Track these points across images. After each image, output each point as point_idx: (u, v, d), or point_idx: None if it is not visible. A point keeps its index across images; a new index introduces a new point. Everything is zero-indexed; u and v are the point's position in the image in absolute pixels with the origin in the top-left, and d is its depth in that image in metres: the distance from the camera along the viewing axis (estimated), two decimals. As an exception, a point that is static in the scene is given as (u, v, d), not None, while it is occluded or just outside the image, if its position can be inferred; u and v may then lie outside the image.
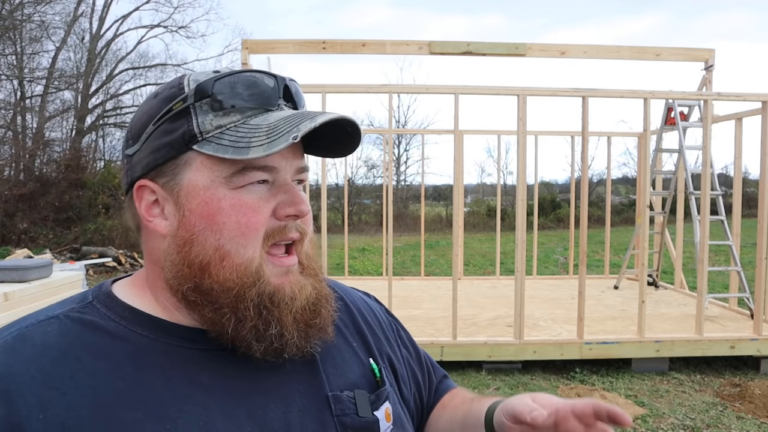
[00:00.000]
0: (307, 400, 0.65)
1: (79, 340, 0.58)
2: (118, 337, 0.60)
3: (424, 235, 8.48)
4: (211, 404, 0.59)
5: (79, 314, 0.61)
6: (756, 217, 4.67)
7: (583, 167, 4.48)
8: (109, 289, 0.66)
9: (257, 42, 5.86)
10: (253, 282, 0.60)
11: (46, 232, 12.79)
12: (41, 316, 0.61)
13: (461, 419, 0.81)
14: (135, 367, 0.58)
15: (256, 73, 0.63)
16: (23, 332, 0.59)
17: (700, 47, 6.04)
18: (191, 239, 0.60)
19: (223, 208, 0.60)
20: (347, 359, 0.72)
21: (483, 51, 5.73)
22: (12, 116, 14.91)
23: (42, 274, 3.76)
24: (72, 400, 0.54)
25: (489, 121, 36.04)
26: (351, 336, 0.77)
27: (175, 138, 0.61)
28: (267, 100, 0.63)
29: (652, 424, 3.58)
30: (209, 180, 0.60)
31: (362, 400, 0.68)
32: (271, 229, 0.62)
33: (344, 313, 0.78)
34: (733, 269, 5.55)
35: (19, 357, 0.56)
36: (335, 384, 0.68)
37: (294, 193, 0.63)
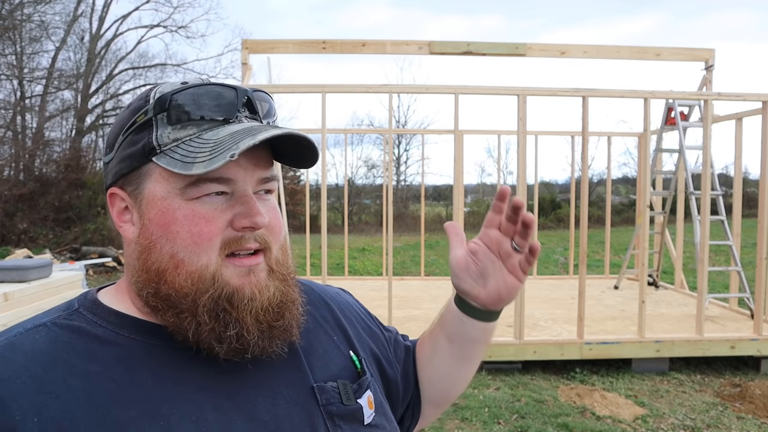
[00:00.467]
0: (294, 391, 0.67)
1: (68, 346, 0.60)
2: (106, 341, 0.62)
3: (424, 235, 8.48)
4: (202, 400, 0.61)
5: (66, 321, 0.63)
6: (756, 217, 4.67)
7: (583, 167, 4.48)
8: (94, 296, 0.68)
9: (257, 42, 5.86)
10: (207, 288, 0.61)
11: (45, 232, 12.79)
12: (28, 325, 0.63)
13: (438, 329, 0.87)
14: (125, 369, 0.60)
15: (216, 86, 0.65)
16: (12, 341, 0.60)
17: (700, 47, 6.04)
18: (149, 246, 0.63)
19: (177, 218, 0.62)
20: (329, 352, 0.75)
21: (483, 51, 5.73)
22: (12, 116, 14.92)
23: (42, 274, 3.76)
24: (66, 402, 0.56)
25: (489, 121, 36.06)
26: (332, 330, 0.79)
27: (137, 149, 0.63)
28: (224, 113, 0.63)
29: (652, 424, 3.57)
30: (166, 191, 0.62)
31: (346, 389, 0.71)
32: (228, 239, 0.62)
33: (324, 309, 0.82)
34: (733, 269, 5.55)
35: (10, 364, 0.57)
36: (319, 375, 0.71)
37: (250, 205, 0.63)
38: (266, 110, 0.68)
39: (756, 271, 4.66)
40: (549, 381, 4.36)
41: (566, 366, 4.61)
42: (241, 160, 0.62)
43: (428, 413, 0.93)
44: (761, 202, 4.55)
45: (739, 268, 5.38)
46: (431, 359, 0.89)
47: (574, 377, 4.42)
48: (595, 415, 3.70)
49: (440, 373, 0.89)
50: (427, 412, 0.93)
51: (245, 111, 0.65)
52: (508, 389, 4.15)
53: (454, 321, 0.84)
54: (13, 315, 3.28)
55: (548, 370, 4.58)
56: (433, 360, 0.89)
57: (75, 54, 16.79)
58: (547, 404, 3.86)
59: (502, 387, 4.19)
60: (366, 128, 23.29)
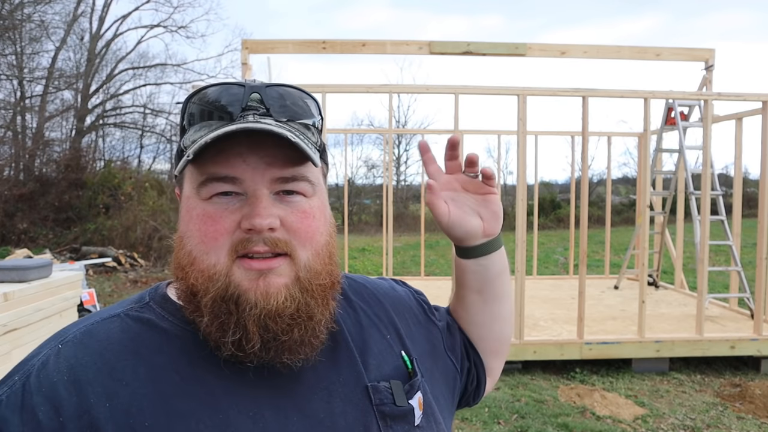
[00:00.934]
0: (348, 390, 0.68)
1: (138, 337, 0.64)
2: (172, 334, 0.65)
3: (424, 235, 8.48)
4: (259, 396, 0.63)
5: (137, 313, 0.67)
6: (756, 217, 4.67)
7: (583, 167, 4.48)
8: (164, 290, 0.71)
9: (257, 42, 5.86)
10: (211, 288, 0.61)
11: (45, 232, 12.78)
12: (104, 315, 0.67)
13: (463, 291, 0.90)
14: (188, 362, 0.62)
15: (226, 85, 0.65)
16: (89, 328, 0.65)
17: (700, 47, 6.04)
18: (179, 242, 0.66)
19: (193, 217, 0.64)
20: (383, 351, 0.75)
21: (483, 51, 5.73)
22: (12, 116, 14.91)
23: (42, 274, 3.75)
24: (134, 390, 0.59)
25: (489, 121, 36.05)
26: (385, 328, 0.78)
27: (177, 153, 0.67)
28: (230, 111, 0.63)
29: (652, 424, 3.57)
30: (189, 190, 0.65)
31: (398, 390, 0.71)
32: (237, 240, 0.62)
33: (378, 307, 0.81)
34: (733, 269, 5.55)
35: (87, 350, 0.62)
36: (373, 375, 0.71)
37: (254, 206, 0.61)
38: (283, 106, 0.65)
39: (756, 271, 4.66)
40: (549, 381, 4.36)
41: (566, 366, 4.60)
42: (249, 158, 0.61)
43: (494, 366, 0.94)
44: (761, 202, 4.55)
45: (739, 268, 5.38)
46: (473, 318, 0.90)
47: (574, 377, 4.42)
48: (595, 415, 3.70)
49: (486, 323, 0.91)
50: (493, 365, 0.94)
51: (261, 107, 0.63)
52: (508, 389, 4.15)
53: (472, 273, 0.86)
54: (13, 315, 3.28)
55: (548, 370, 4.58)
56: (474, 317, 0.90)
57: (75, 54, 16.80)
58: (547, 404, 3.86)
59: (502, 387, 4.19)
60: (366, 128, 23.30)
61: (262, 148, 0.62)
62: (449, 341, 0.88)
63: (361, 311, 0.78)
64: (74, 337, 0.63)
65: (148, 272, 10.57)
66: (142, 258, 11.55)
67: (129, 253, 11.47)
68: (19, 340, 3.32)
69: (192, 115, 0.65)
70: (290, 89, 0.66)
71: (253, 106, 0.63)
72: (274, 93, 0.65)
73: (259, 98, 0.64)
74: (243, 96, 0.63)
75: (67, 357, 0.61)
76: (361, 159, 22.32)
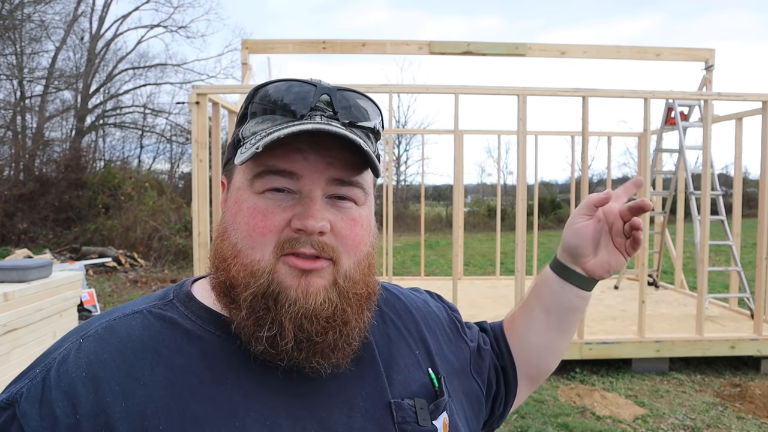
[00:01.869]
0: (370, 405, 0.66)
1: (159, 336, 0.62)
2: (193, 335, 0.63)
3: (424, 235, 8.48)
4: (277, 405, 0.61)
5: (160, 311, 0.66)
6: (756, 217, 4.67)
7: (583, 167, 4.48)
8: (188, 288, 0.70)
9: (257, 42, 5.86)
10: (253, 283, 0.61)
11: (45, 232, 12.78)
12: (127, 310, 0.66)
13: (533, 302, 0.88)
14: (208, 365, 0.61)
15: (297, 82, 0.64)
16: (111, 324, 0.64)
17: (700, 47, 6.05)
18: (223, 233, 0.65)
19: (242, 209, 0.63)
20: (410, 366, 0.73)
21: (483, 51, 5.73)
22: (12, 116, 14.91)
23: (42, 274, 3.75)
24: (151, 390, 0.58)
25: (489, 121, 36.10)
26: (414, 343, 0.76)
27: (233, 141, 0.67)
28: (298, 109, 0.62)
29: (652, 424, 3.57)
30: (241, 182, 0.64)
31: (423, 408, 0.68)
32: (285, 238, 0.61)
33: (409, 320, 0.79)
34: (733, 269, 5.55)
35: (107, 347, 0.61)
36: (397, 391, 0.69)
37: (307, 207, 0.61)
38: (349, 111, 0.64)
39: (756, 271, 4.66)
40: (549, 381, 4.35)
41: (566, 366, 4.60)
42: (310, 156, 0.61)
43: (523, 389, 0.92)
44: (761, 202, 4.55)
45: (739, 268, 5.38)
46: (526, 335, 0.88)
47: (574, 377, 4.42)
48: (595, 415, 3.70)
49: (537, 347, 0.89)
50: (522, 387, 0.92)
51: (328, 109, 0.63)
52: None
53: (553, 290, 0.85)
54: (13, 315, 3.27)
55: (548, 370, 4.58)
56: (529, 335, 0.88)
57: (75, 54, 16.81)
58: (547, 404, 3.86)
59: (502, 387, 4.19)
60: (366, 128, 23.25)
61: (324, 148, 0.61)
62: (477, 363, 0.85)
63: (390, 323, 0.76)
64: (95, 332, 0.62)
65: (148, 272, 10.57)
66: (142, 258, 11.55)
67: (129, 253, 11.47)
68: (19, 340, 3.32)
69: (256, 106, 0.64)
70: (359, 95, 0.66)
71: (321, 107, 0.63)
72: (342, 97, 0.64)
73: (328, 100, 0.63)
74: (313, 96, 0.63)
75: (87, 353, 0.60)
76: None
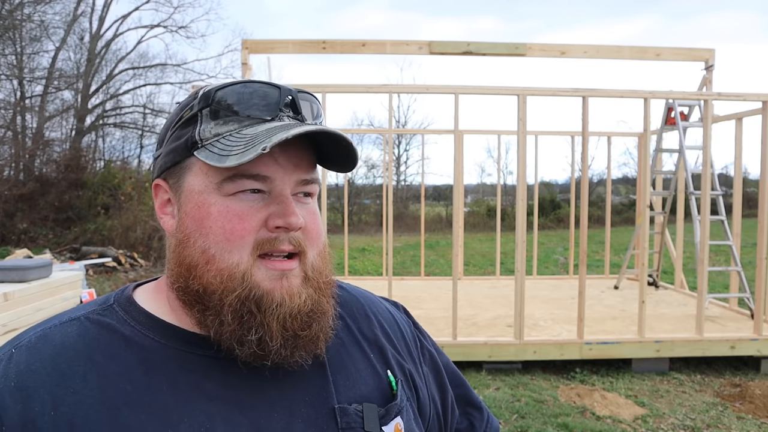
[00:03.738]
0: (313, 411, 0.64)
1: (94, 342, 0.61)
2: (131, 341, 0.62)
3: (424, 235, 8.48)
4: (213, 411, 0.60)
5: (98, 316, 0.65)
6: (756, 217, 4.67)
7: (583, 167, 4.48)
8: (130, 293, 0.69)
9: (257, 42, 5.86)
10: (235, 287, 0.60)
11: (45, 232, 12.78)
12: (64, 318, 0.65)
13: None
14: (144, 372, 0.60)
15: (260, 84, 0.64)
16: (46, 332, 0.62)
17: (700, 47, 6.05)
18: (184, 240, 0.63)
19: (212, 213, 0.61)
20: (361, 371, 0.71)
21: (483, 51, 5.73)
22: (12, 116, 14.91)
23: (42, 274, 3.76)
24: (81, 398, 0.57)
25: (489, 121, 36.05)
26: (369, 347, 0.75)
27: (181, 143, 0.64)
28: (266, 110, 0.63)
29: (652, 424, 3.57)
30: (203, 185, 0.63)
31: (370, 413, 0.67)
32: (262, 239, 0.61)
33: (365, 323, 0.77)
34: (733, 269, 5.55)
35: (39, 356, 0.60)
36: (344, 396, 0.67)
37: (286, 205, 0.62)
38: (310, 111, 0.67)
39: (756, 271, 4.66)
40: (549, 381, 4.36)
41: (566, 366, 4.60)
42: (280, 158, 0.62)
43: None
44: (761, 202, 4.55)
45: (739, 268, 5.38)
46: None
47: (574, 377, 4.42)
48: (595, 415, 3.70)
49: None
50: None
51: (288, 111, 0.64)
52: (508, 389, 4.15)
53: None
54: (13, 315, 3.28)
55: (548, 370, 4.58)
56: None
57: (75, 54, 16.80)
58: (547, 404, 3.86)
59: (502, 387, 4.19)
60: (366, 128, 23.28)
61: (291, 150, 0.63)
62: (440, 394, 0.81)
63: (344, 326, 0.74)
64: (29, 342, 0.61)
65: (148, 272, 10.57)
66: (142, 258, 11.55)
67: (129, 253, 11.47)
68: (19, 340, 3.32)
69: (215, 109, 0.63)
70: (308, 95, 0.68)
71: (284, 109, 0.64)
72: (303, 97, 0.66)
73: (290, 101, 0.65)
74: (279, 98, 0.64)
75: (17, 362, 0.59)
76: (361, 159, 22.30)
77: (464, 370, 4.49)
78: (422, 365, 0.81)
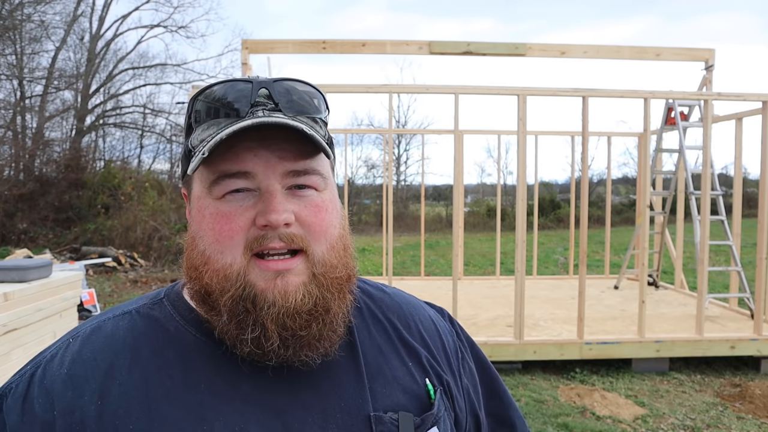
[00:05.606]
0: (348, 417, 0.64)
1: (142, 336, 0.64)
2: (175, 336, 0.64)
3: (424, 235, 8.48)
4: (249, 412, 0.60)
5: (148, 310, 0.67)
6: (756, 217, 4.67)
7: (583, 167, 4.48)
8: (180, 288, 0.70)
9: (257, 42, 5.86)
10: (229, 288, 0.60)
11: (45, 232, 12.78)
12: (118, 311, 0.68)
13: None
14: (184, 367, 0.62)
15: (233, 81, 0.63)
16: (101, 324, 0.66)
17: (699, 47, 6.05)
18: (191, 243, 0.65)
19: (206, 216, 0.63)
20: (399, 378, 0.69)
21: (483, 51, 5.73)
22: (12, 116, 14.91)
23: (42, 274, 3.75)
24: (125, 390, 0.59)
25: (489, 121, 36.06)
26: (408, 355, 0.73)
27: (184, 154, 0.67)
28: (239, 108, 0.61)
29: (652, 424, 3.57)
30: (200, 190, 0.64)
31: (406, 422, 0.65)
32: (252, 237, 0.61)
33: (405, 330, 0.75)
34: (733, 269, 5.55)
35: (91, 346, 0.63)
36: (381, 403, 0.66)
37: (268, 202, 0.60)
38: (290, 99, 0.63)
39: (756, 271, 4.66)
40: (549, 381, 4.36)
41: (566, 366, 4.60)
42: (260, 152, 0.60)
43: None
44: (761, 202, 4.55)
45: (739, 268, 5.38)
46: None
47: (574, 377, 4.42)
48: (595, 415, 3.70)
49: None
50: None
51: (269, 102, 0.62)
52: (508, 389, 4.15)
53: None
54: (13, 315, 3.27)
55: (548, 370, 4.58)
56: None
57: (75, 54, 16.81)
58: (547, 404, 3.86)
59: (502, 387, 4.18)
60: (366, 128, 23.30)
61: (273, 142, 0.61)
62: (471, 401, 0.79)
63: (383, 331, 0.73)
64: (84, 332, 0.65)
65: (148, 272, 10.56)
66: (142, 258, 11.54)
67: (129, 253, 11.46)
68: (19, 340, 3.32)
69: (198, 114, 0.63)
70: (297, 83, 0.65)
71: (261, 101, 0.62)
72: (281, 88, 0.63)
73: (267, 94, 0.62)
74: (251, 92, 0.62)
75: (72, 352, 0.62)
76: (361, 159, 22.31)
77: (464, 370, 4.49)
78: (461, 378, 0.79)
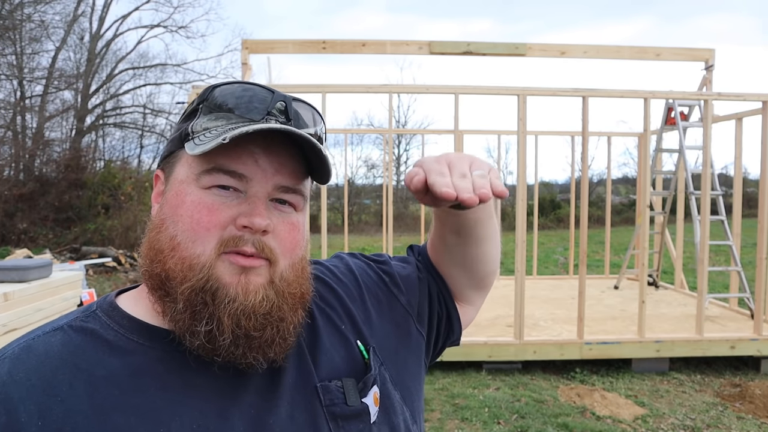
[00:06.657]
0: (297, 392, 0.66)
1: (78, 350, 0.61)
2: (115, 345, 0.63)
3: (424, 235, 8.47)
4: (206, 406, 0.61)
5: (81, 323, 0.65)
6: (756, 217, 4.67)
7: (583, 167, 4.48)
8: (112, 299, 0.69)
9: (257, 42, 5.86)
10: (191, 277, 0.60)
11: (45, 232, 12.78)
12: (47, 328, 0.65)
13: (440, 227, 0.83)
14: (130, 375, 0.60)
15: (254, 86, 0.66)
16: (30, 343, 0.63)
17: (700, 47, 6.04)
18: (159, 225, 0.64)
19: (185, 202, 0.63)
20: (335, 344, 0.72)
21: (483, 51, 5.73)
22: (12, 116, 14.91)
23: (42, 274, 3.76)
24: (69, 406, 0.57)
25: (489, 121, 36.03)
26: (339, 319, 0.75)
27: (177, 135, 0.67)
28: (255, 111, 0.63)
29: (652, 424, 3.57)
30: (185, 175, 0.64)
31: (350, 388, 0.68)
32: (228, 236, 0.61)
33: (331, 296, 0.77)
34: (733, 269, 5.55)
35: (23, 366, 0.60)
36: (324, 372, 0.69)
37: (255, 206, 0.62)
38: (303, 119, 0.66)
39: (756, 271, 4.66)
40: (549, 381, 4.36)
41: (566, 366, 4.60)
42: (261, 160, 0.62)
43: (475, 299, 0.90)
44: (761, 202, 4.55)
45: (739, 268, 5.38)
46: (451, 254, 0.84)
47: (574, 377, 4.42)
48: (595, 415, 3.70)
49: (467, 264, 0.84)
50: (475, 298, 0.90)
51: (281, 116, 0.65)
52: (508, 389, 4.15)
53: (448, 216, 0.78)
54: (13, 315, 3.28)
55: (548, 370, 4.58)
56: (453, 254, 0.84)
57: (75, 54, 16.82)
58: (547, 404, 3.86)
59: (502, 387, 4.19)
60: (366, 128, 23.31)
61: (275, 154, 0.63)
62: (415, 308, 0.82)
63: (313, 304, 0.74)
64: (12, 353, 0.61)
65: (148, 272, 10.56)
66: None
67: (129, 253, 11.46)
68: (19, 340, 3.32)
69: (211, 104, 0.65)
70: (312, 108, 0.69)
71: (275, 113, 0.64)
72: (297, 107, 0.67)
73: (283, 108, 0.65)
74: (270, 101, 0.64)
75: (0, 375, 0.59)
76: (361, 159, 22.32)
77: (464, 370, 4.50)
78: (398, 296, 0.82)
